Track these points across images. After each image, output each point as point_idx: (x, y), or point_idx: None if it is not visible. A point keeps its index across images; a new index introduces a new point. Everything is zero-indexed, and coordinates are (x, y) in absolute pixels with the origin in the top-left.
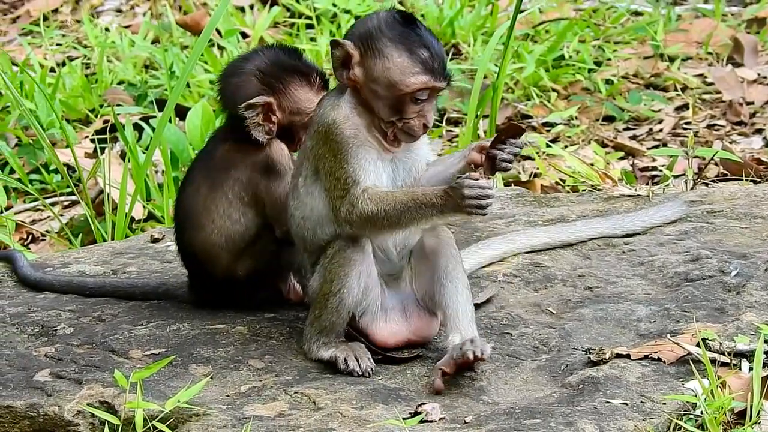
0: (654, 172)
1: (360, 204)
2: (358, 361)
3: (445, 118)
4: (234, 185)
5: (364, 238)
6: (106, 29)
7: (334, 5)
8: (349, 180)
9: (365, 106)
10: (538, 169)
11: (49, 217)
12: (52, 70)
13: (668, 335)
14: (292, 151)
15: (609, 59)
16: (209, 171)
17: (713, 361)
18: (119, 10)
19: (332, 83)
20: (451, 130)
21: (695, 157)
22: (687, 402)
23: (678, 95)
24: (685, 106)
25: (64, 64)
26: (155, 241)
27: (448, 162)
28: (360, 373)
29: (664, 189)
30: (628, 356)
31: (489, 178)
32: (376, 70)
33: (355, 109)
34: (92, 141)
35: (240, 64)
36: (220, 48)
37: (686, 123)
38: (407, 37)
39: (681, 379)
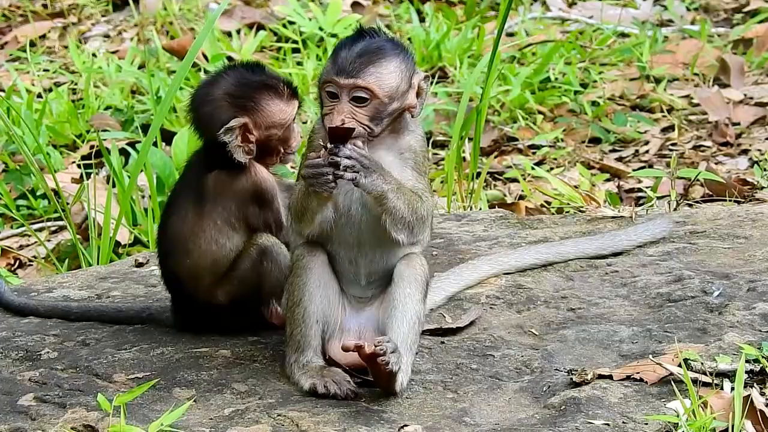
0: (639, 194)
1: (291, 200)
2: (337, 384)
3: (430, 141)
4: (223, 212)
5: (318, 247)
6: (94, 55)
7: (321, 29)
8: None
9: None
10: (523, 191)
11: (35, 242)
12: (39, 96)
13: (650, 356)
14: (273, 165)
15: (595, 81)
16: (197, 199)
17: (695, 381)
18: (107, 36)
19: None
20: (436, 153)
21: (679, 178)
22: (669, 422)
23: (664, 116)
24: (671, 128)
25: (51, 90)
26: (140, 265)
27: None
28: (342, 395)
29: (647, 210)
30: (610, 377)
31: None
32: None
33: None
34: (79, 166)
35: (207, 90)
36: (207, 72)
37: (672, 144)
38: (343, 44)
39: (663, 400)
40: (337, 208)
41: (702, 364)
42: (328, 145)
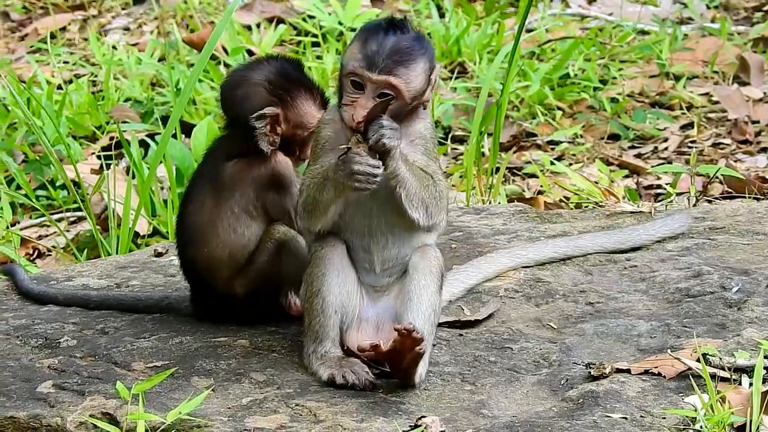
0: (658, 191)
1: (302, 195)
2: (356, 375)
3: (449, 135)
4: (241, 199)
5: (337, 238)
6: (114, 47)
7: (340, 23)
8: (304, 176)
9: None
10: (542, 186)
11: (55, 232)
12: (60, 87)
13: (669, 350)
14: (294, 167)
15: (614, 78)
16: (214, 187)
17: (713, 377)
18: (127, 29)
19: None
20: (456, 148)
21: (698, 174)
22: (687, 416)
23: (683, 114)
24: (691, 125)
25: (71, 81)
26: (159, 255)
27: None
28: (360, 386)
29: (666, 206)
30: (628, 371)
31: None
32: (342, 58)
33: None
34: (98, 157)
35: (245, 74)
36: (227, 66)
37: (691, 141)
38: (372, 32)
39: (681, 394)
40: (348, 198)
41: (720, 359)
42: (352, 139)
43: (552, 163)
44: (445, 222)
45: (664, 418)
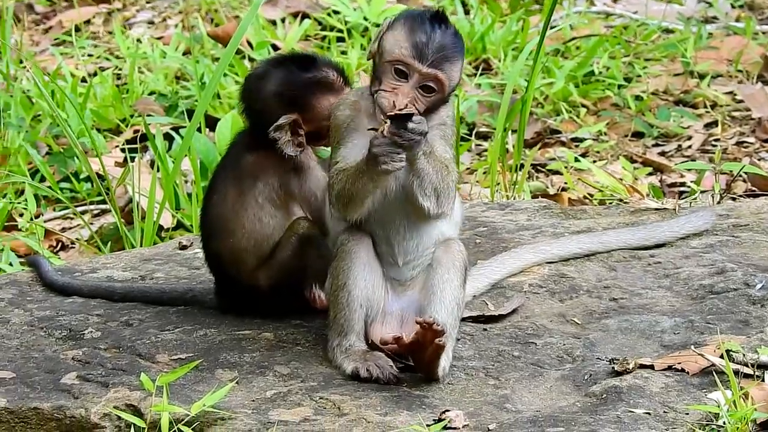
0: (682, 188)
1: (335, 185)
2: (380, 368)
3: (474, 132)
4: (264, 189)
5: (362, 231)
6: (138, 41)
7: (366, 19)
8: (333, 162)
9: None
10: (566, 183)
11: (78, 225)
12: (84, 80)
13: (692, 346)
14: (318, 146)
15: (639, 76)
16: (237, 178)
17: (736, 373)
18: (151, 22)
19: (354, 77)
20: (480, 144)
21: (722, 172)
22: (710, 412)
23: (707, 112)
24: (715, 123)
25: (95, 74)
26: (183, 248)
27: None
28: (384, 379)
29: (691, 203)
30: (651, 367)
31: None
32: (383, 41)
33: (366, 94)
34: (122, 150)
35: (257, 86)
36: (251, 60)
37: (715, 140)
38: (418, 23)
39: (704, 390)
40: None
41: (744, 355)
42: (386, 122)
43: (576, 160)
44: (451, 210)
45: (688, 413)
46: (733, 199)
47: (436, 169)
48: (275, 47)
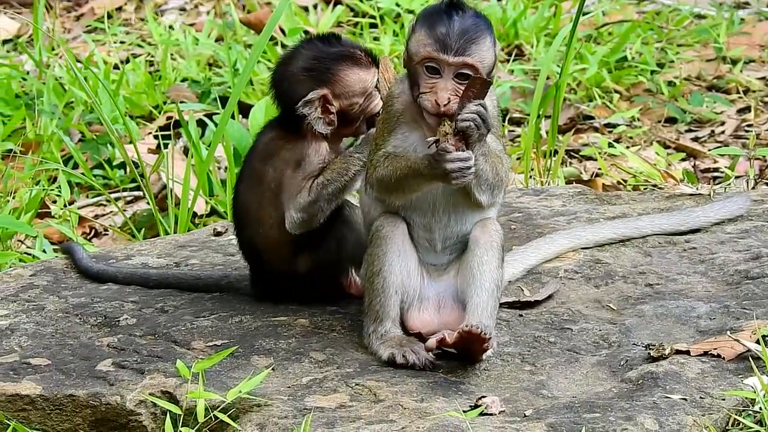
0: (715, 174)
1: (378, 168)
2: (416, 354)
3: (507, 118)
4: (294, 176)
5: (398, 217)
6: (170, 27)
7: (398, 5)
8: (379, 145)
9: None
10: (599, 168)
11: (111, 212)
12: (116, 67)
13: (728, 332)
14: (349, 135)
15: (671, 61)
16: (252, 164)
17: None
18: (183, 9)
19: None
20: (513, 130)
21: (756, 158)
22: (746, 398)
23: (740, 98)
24: (747, 109)
25: (128, 61)
26: (218, 234)
27: None
28: (420, 366)
29: (725, 188)
30: (687, 352)
31: (461, 145)
32: (409, 46)
33: (407, 89)
34: (155, 137)
35: (285, 68)
36: (284, 46)
37: (748, 125)
38: (435, 17)
39: (740, 376)
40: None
41: None
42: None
43: (610, 146)
44: (504, 197)
45: (724, 399)
46: (767, 184)
47: (492, 165)
48: (307, 33)
